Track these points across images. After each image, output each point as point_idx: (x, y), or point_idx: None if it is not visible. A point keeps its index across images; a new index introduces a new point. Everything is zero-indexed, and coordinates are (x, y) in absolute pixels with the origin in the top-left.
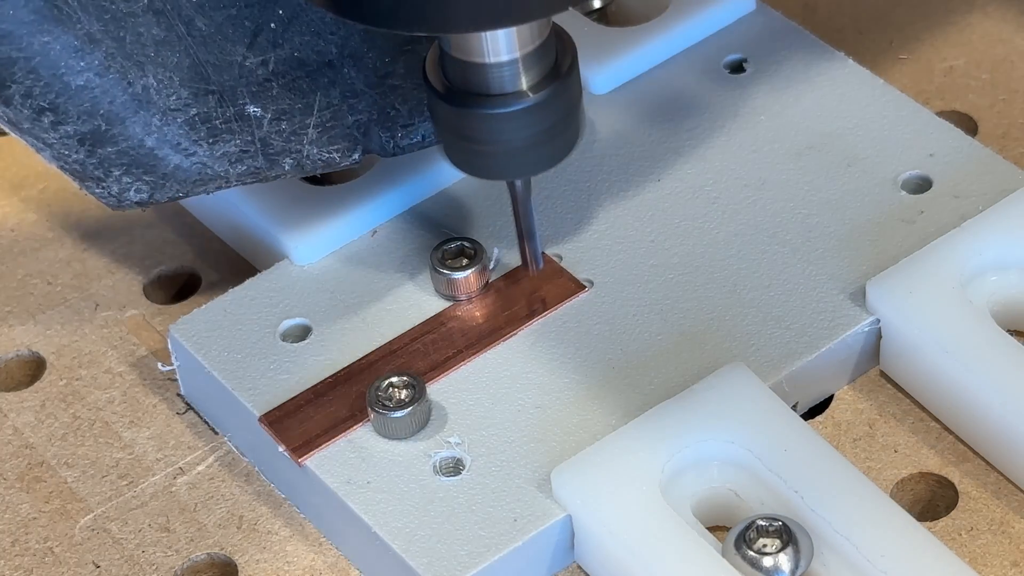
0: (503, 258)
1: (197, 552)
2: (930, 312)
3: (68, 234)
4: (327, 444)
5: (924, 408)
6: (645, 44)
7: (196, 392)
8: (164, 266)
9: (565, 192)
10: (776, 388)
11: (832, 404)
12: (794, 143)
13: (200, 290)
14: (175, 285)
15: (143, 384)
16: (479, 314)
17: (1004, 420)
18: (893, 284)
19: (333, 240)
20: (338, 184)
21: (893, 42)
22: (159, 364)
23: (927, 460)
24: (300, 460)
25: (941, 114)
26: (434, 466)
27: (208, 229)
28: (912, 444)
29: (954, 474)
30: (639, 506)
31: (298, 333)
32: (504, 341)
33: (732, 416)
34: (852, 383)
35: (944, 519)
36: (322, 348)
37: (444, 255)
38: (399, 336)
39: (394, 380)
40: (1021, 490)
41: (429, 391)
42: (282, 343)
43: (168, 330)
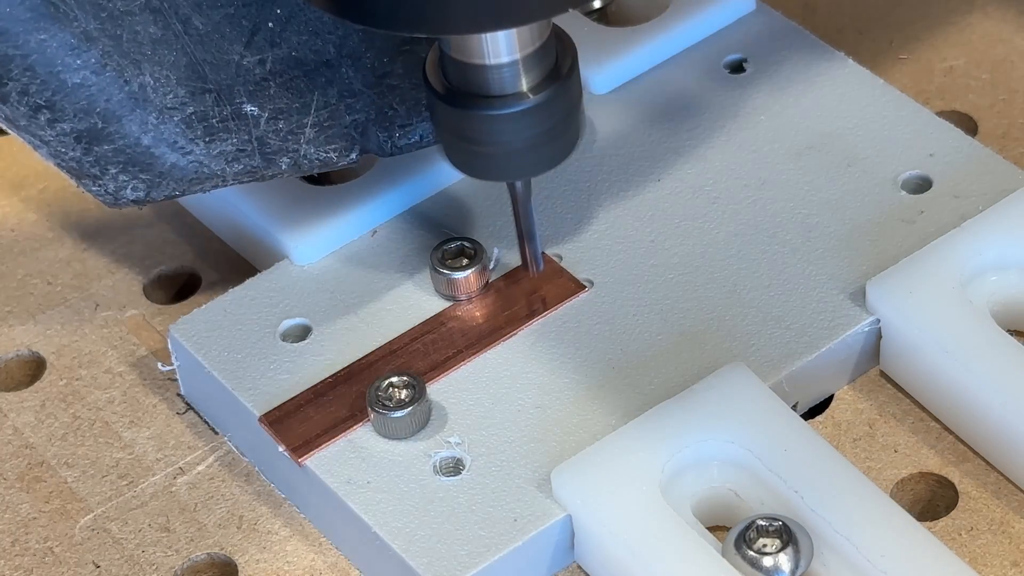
0: (503, 258)
1: (197, 552)
2: (930, 312)
3: (68, 234)
4: (327, 444)
5: (924, 408)
6: (645, 44)
7: (196, 392)
8: (164, 266)
9: (565, 192)
10: (776, 388)
11: (832, 404)
12: (794, 143)
13: (200, 290)
14: (175, 285)
15: (143, 384)
16: (479, 314)
17: (1004, 420)
18: (893, 284)
19: (333, 240)
20: (338, 184)
21: (893, 42)
22: (159, 364)
23: (927, 460)
24: (300, 460)
25: (941, 114)
26: (434, 466)
27: (208, 229)
28: (912, 444)
29: (954, 474)
30: (639, 506)
31: (298, 333)
32: (504, 341)
33: (732, 416)
34: (852, 383)
35: (944, 519)
36: (322, 348)
37: (444, 255)
38: (399, 336)
39: (394, 380)
40: (1021, 490)
41: (429, 391)
42: (282, 343)
43: (168, 330)
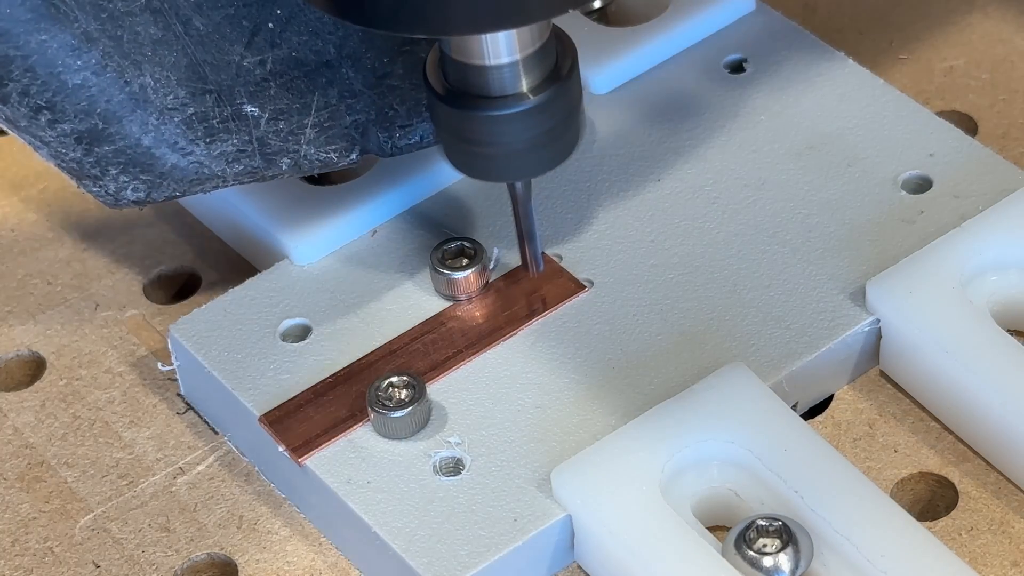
0: (503, 258)
1: (197, 552)
2: (930, 312)
3: (68, 234)
4: (327, 444)
5: (924, 408)
6: (645, 44)
7: (196, 392)
8: (164, 266)
9: (565, 192)
10: (776, 388)
11: (832, 404)
12: (794, 143)
13: (200, 290)
14: (175, 285)
15: (143, 384)
16: (479, 314)
17: (1004, 420)
18: (893, 284)
19: (333, 240)
20: (338, 184)
21: (893, 42)
22: (159, 364)
23: (927, 460)
24: (300, 460)
25: (941, 114)
26: (434, 466)
27: (208, 229)
28: (912, 444)
29: (954, 474)
30: (639, 506)
31: (298, 333)
32: (504, 341)
33: (732, 416)
34: (852, 383)
35: (944, 519)
36: (322, 348)
37: (444, 255)
38: (399, 336)
39: (394, 380)
40: (1021, 490)
41: (429, 391)
42: (282, 343)
43: (168, 330)
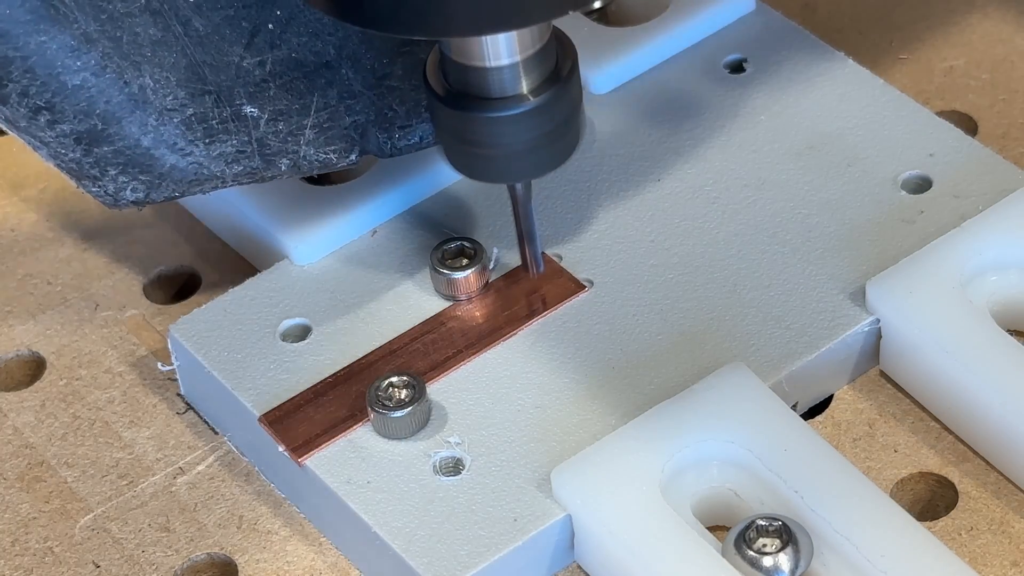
0: (503, 258)
1: (197, 552)
2: (930, 312)
3: (68, 234)
4: (327, 444)
5: (924, 408)
6: (645, 44)
7: (196, 392)
8: (164, 266)
9: (565, 192)
10: (776, 388)
11: (832, 404)
12: (794, 143)
13: (200, 290)
14: (175, 285)
15: (143, 384)
16: (479, 314)
17: (1004, 420)
18: (893, 284)
19: (333, 240)
20: (338, 184)
21: (893, 42)
22: (159, 364)
23: (927, 460)
24: (300, 460)
25: (941, 114)
26: (434, 466)
27: (208, 229)
28: (912, 444)
29: (954, 474)
30: (639, 506)
31: (298, 333)
32: (504, 341)
33: (732, 416)
34: (852, 383)
35: (944, 519)
36: (322, 348)
37: (444, 255)
38: (399, 336)
39: (394, 380)
40: (1021, 490)
41: (429, 391)
42: (282, 343)
43: (168, 330)
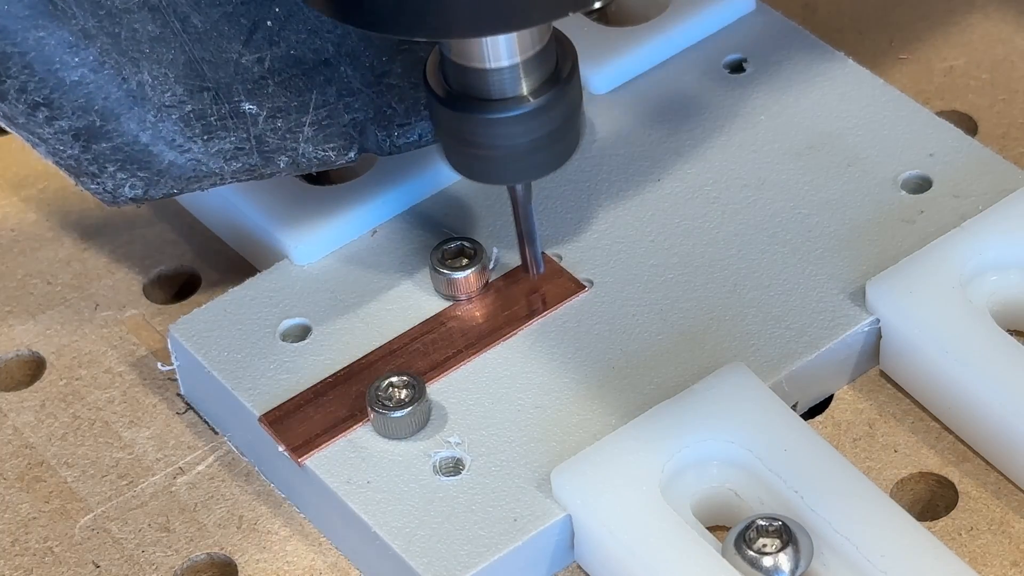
0: (503, 257)
1: (197, 552)
2: (930, 312)
3: (68, 234)
4: (327, 444)
5: (924, 408)
6: (645, 44)
7: (196, 392)
8: (164, 266)
9: (565, 192)
10: (776, 388)
11: (832, 404)
12: (794, 143)
13: (200, 290)
14: (175, 285)
15: (143, 384)
16: (479, 314)
17: (1004, 420)
18: (893, 284)
19: (333, 240)
20: (338, 184)
21: (893, 42)
22: (159, 364)
23: (927, 460)
24: (300, 460)
25: (941, 114)
26: (434, 466)
27: (208, 229)
28: (912, 444)
29: (954, 474)
30: (639, 506)
31: (298, 333)
32: (504, 341)
33: (732, 416)
34: (852, 383)
35: (944, 519)
36: (322, 348)
37: (444, 255)
38: (399, 336)
39: (394, 380)
40: (1021, 490)
41: (429, 391)
42: (282, 343)
43: (168, 330)
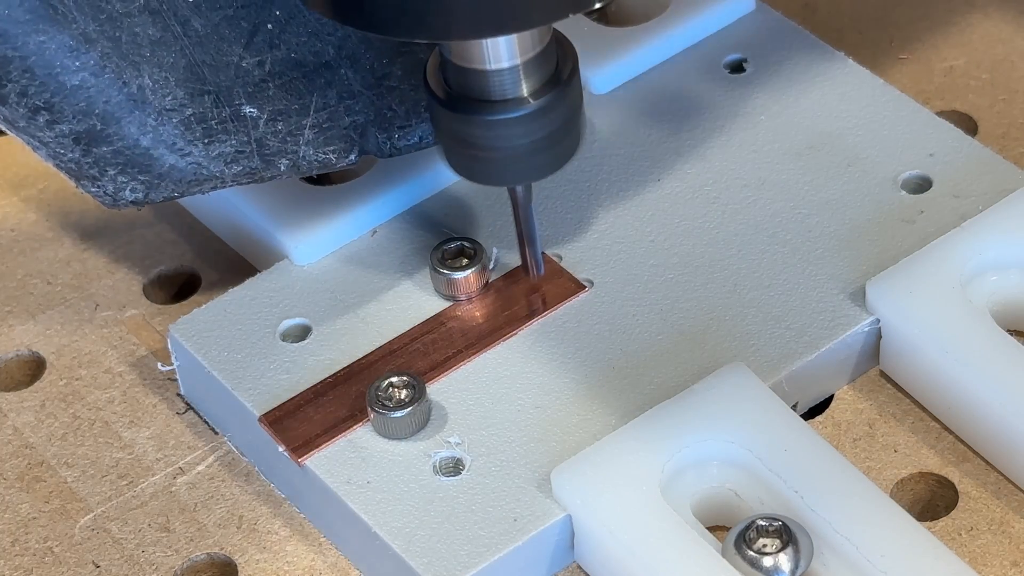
0: (503, 257)
1: (197, 552)
2: (930, 312)
3: (68, 234)
4: (327, 444)
5: (924, 408)
6: (645, 44)
7: (196, 392)
8: (164, 266)
9: (565, 192)
10: (776, 388)
11: (832, 404)
12: (794, 143)
13: (200, 290)
14: (175, 285)
15: (143, 384)
16: (479, 314)
17: (1004, 420)
18: (893, 284)
19: (333, 240)
20: (338, 184)
21: (893, 42)
22: (159, 364)
23: (927, 460)
24: (300, 460)
25: (941, 114)
26: (434, 466)
27: (208, 229)
28: (912, 444)
29: (954, 474)
30: (639, 506)
31: (298, 333)
32: (504, 341)
33: (732, 416)
34: (852, 383)
35: (944, 519)
36: (322, 348)
37: (444, 255)
38: (399, 336)
39: (394, 380)
40: (1021, 490)
41: (429, 391)
42: (282, 343)
43: (168, 330)
